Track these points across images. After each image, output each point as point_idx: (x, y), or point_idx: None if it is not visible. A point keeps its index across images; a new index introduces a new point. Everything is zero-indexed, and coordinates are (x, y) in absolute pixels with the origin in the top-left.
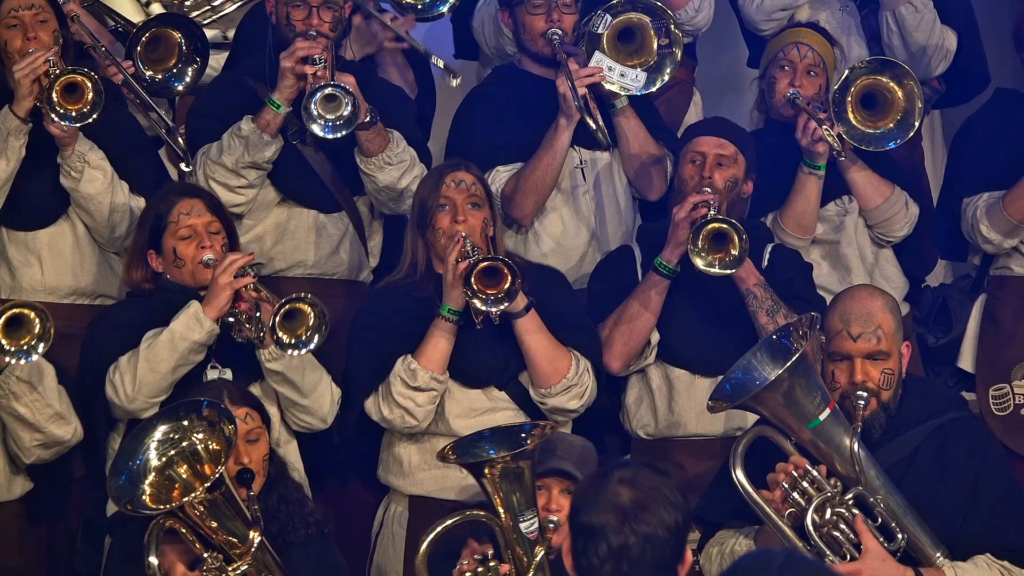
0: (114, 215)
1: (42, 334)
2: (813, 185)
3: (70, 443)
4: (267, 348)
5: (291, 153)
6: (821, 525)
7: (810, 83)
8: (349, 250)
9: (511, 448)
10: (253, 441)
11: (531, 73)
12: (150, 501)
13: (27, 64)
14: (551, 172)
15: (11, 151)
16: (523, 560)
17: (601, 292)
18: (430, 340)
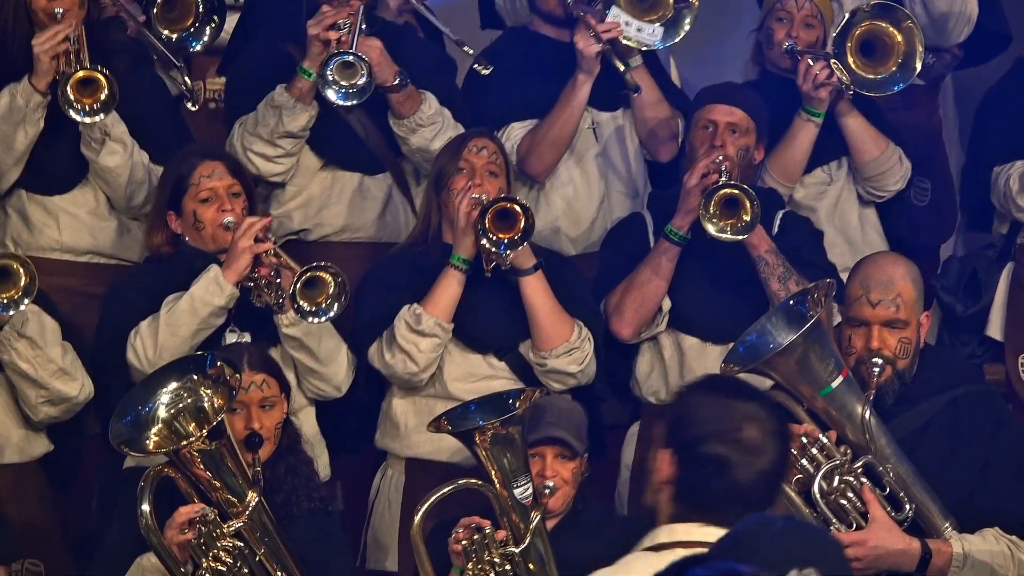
0: (131, 185)
1: (27, 287)
2: (808, 132)
3: (78, 399)
4: (286, 314)
5: (331, 117)
6: (828, 492)
7: (807, 34)
8: (397, 211)
9: (498, 411)
10: (267, 408)
11: (543, 34)
12: (152, 447)
13: (47, 40)
14: (569, 127)
15: (30, 123)
16: (519, 526)
17: (612, 259)
18: (438, 287)
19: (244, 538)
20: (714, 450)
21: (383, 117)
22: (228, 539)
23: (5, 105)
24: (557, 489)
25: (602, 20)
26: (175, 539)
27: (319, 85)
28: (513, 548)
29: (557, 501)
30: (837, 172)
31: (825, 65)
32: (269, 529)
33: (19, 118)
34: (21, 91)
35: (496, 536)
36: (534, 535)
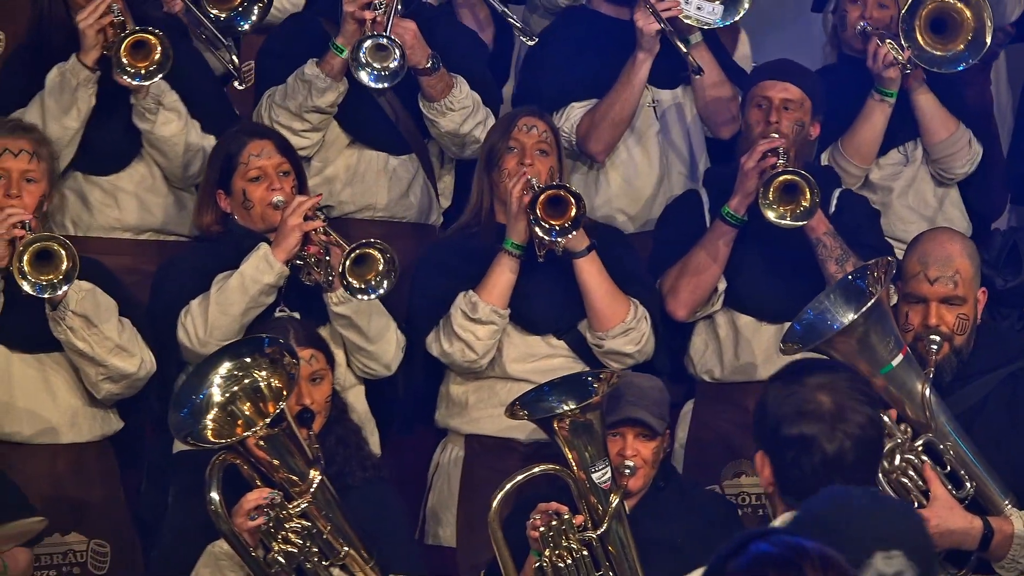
0: (187, 154)
1: (68, 271)
2: (881, 113)
3: (139, 375)
4: (335, 292)
5: (361, 95)
6: (890, 471)
7: (881, 14)
8: (419, 193)
9: (578, 398)
10: (316, 381)
11: (601, 13)
12: (211, 435)
13: (89, 14)
14: (628, 106)
15: (81, 102)
16: (598, 509)
17: (668, 238)
18: (492, 274)
19: (310, 517)
20: (793, 431)
21: (413, 98)
22: (295, 520)
23: (55, 82)
24: (637, 469)
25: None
26: (245, 525)
27: (351, 66)
28: (592, 533)
29: (637, 481)
30: (913, 152)
31: (894, 44)
32: (333, 505)
33: (70, 95)
34: (69, 68)
35: (574, 521)
36: (613, 519)
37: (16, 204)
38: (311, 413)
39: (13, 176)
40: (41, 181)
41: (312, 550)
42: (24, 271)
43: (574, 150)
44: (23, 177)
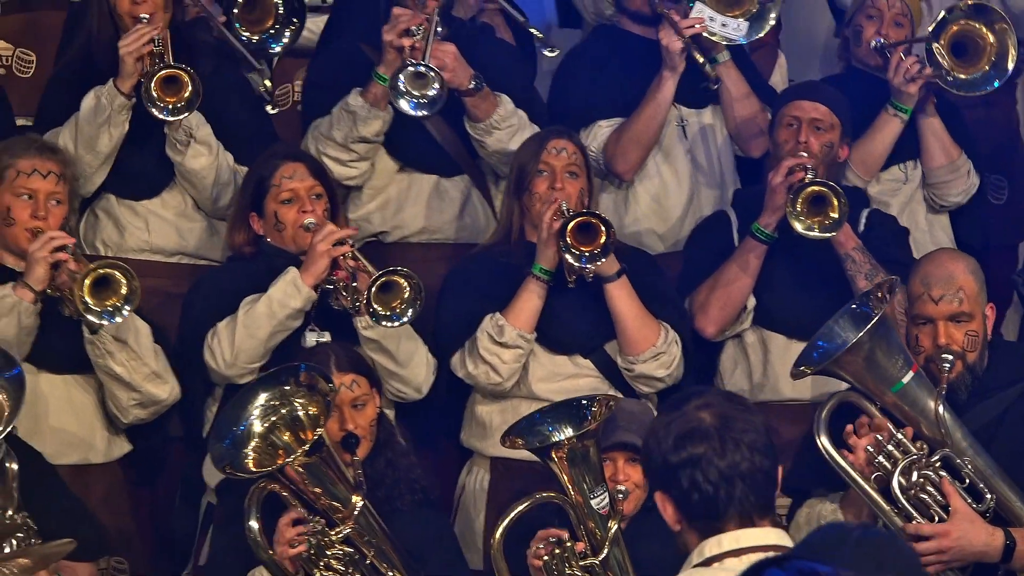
0: (217, 187)
1: (128, 295)
2: (892, 127)
3: (167, 402)
4: (362, 317)
5: (407, 120)
6: (908, 488)
7: (896, 32)
8: (475, 213)
9: (575, 425)
10: (359, 407)
11: (631, 32)
12: (252, 465)
13: (131, 42)
14: (654, 124)
15: (114, 127)
16: (596, 535)
17: (697, 257)
18: (520, 298)
19: (353, 543)
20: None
21: (459, 120)
22: (338, 546)
23: (90, 107)
24: (629, 494)
25: (686, 16)
26: (286, 554)
27: (391, 95)
28: (593, 559)
29: (629, 505)
30: (912, 172)
31: (917, 60)
32: (376, 530)
33: (103, 120)
34: (106, 93)
35: (576, 548)
36: (612, 544)
37: (42, 226)
38: (355, 438)
39: (40, 197)
40: (65, 204)
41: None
42: (87, 303)
43: (601, 169)
44: (50, 198)
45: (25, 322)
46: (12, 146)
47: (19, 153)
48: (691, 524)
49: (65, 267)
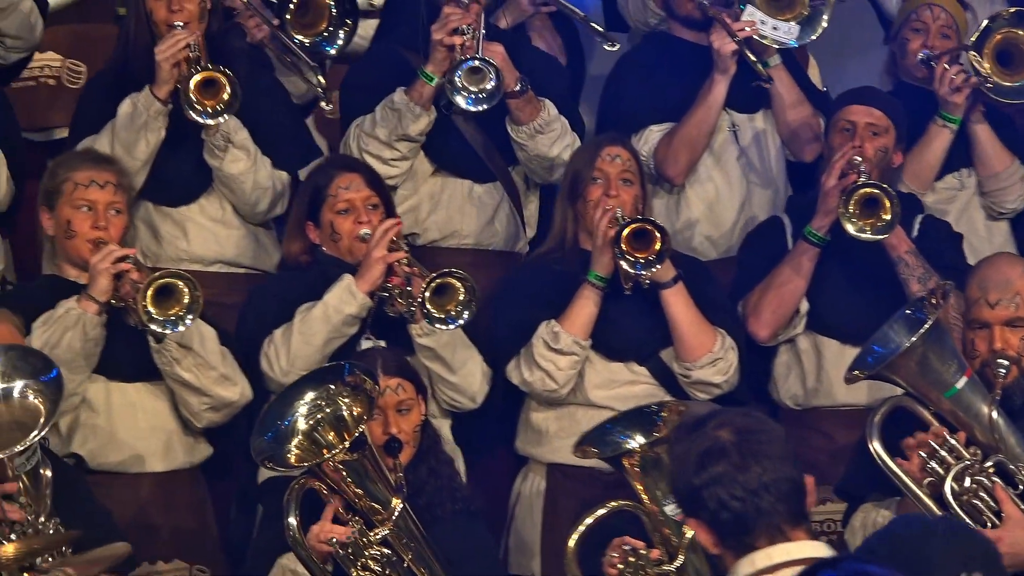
0: (255, 192)
1: (191, 304)
2: (942, 138)
3: (239, 404)
4: (418, 323)
5: (444, 123)
6: (960, 493)
7: (942, 44)
8: (505, 220)
9: (645, 432)
10: (404, 411)
11: (681, 38)
12: (294, 460)
13: (167, 48)
14: (706, 127)
15: (151, 134)
16: (672, 541)
17: (751, 263)
18: (575, 305)
19: (391, 545)
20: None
21: (495, 126)
22: (375, 547)
23: (126, 113)
24: None
25: (738, 19)
26: (323, 550)
27: (448, 91)
28: (668, 567)
29: None
30: (968, 179)
31: (961, 69)
32: (415, 534)
33: (140, 126)
34: (142, 99)
35: (651, 556)
36: (687, 551)
37: (103, 236)
38: (398, 443)
39: (99, 208)
40: (124, 213)
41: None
42: (150, 312)
43: (652, 174)
44: (109, 208)
45: (91, 334)
46: (68, 160)
47: (75, 166)
48: (725, 545)
49: (128, 277)
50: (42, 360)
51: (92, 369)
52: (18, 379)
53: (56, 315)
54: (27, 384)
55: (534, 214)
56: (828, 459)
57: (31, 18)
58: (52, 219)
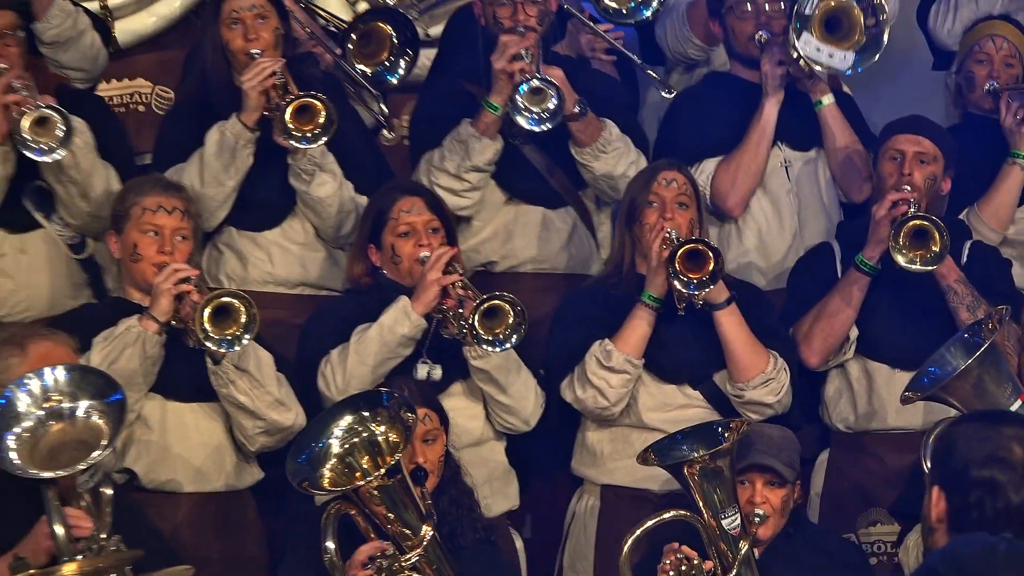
0: (341, 215)
1: (248, 324)
2: (1016, 177)
3: (292, 430)
4: (470, 344)
5: (513, 153)
6: None
7: (1008, 74)
8: (578, 243)
9: (709, 446)
10: (430, 442)
11: (739, 77)
12: (327, 484)
13: (253, 75)
14: (760, 153)
15: (240, 161)
16: (727, 555)
17: (801, 288)
18: (628, 324)
19: (420, 570)
20: (982, 474)
21: (562, 153)
22: (407, 572)
23: (215, 142)
24: (766, 518)
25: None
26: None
27: (510, 112)
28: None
29: (767, 531)
30: None
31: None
32: (443, 561)
33: (229, 154)
34: (229, 127)
35: (704, 567)
36: (742, 565)
37: (168, 260)
38: (424, 472)
39: (166, 233)
40: (190, 239)
41: None
42: (207, 331)
43: (709, 206)
44: (176, 234)
45: (150, 352)
46: (137, 185)
47: (144, 191)
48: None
49: (188, 298)
50: (107, 381)
51: (149, 387)
52: (83, 399)
53: (116, 332)
54: (91, 404)
55: (607, 235)
56: (880, 482)
57: (92, 50)
58: (119, 242)
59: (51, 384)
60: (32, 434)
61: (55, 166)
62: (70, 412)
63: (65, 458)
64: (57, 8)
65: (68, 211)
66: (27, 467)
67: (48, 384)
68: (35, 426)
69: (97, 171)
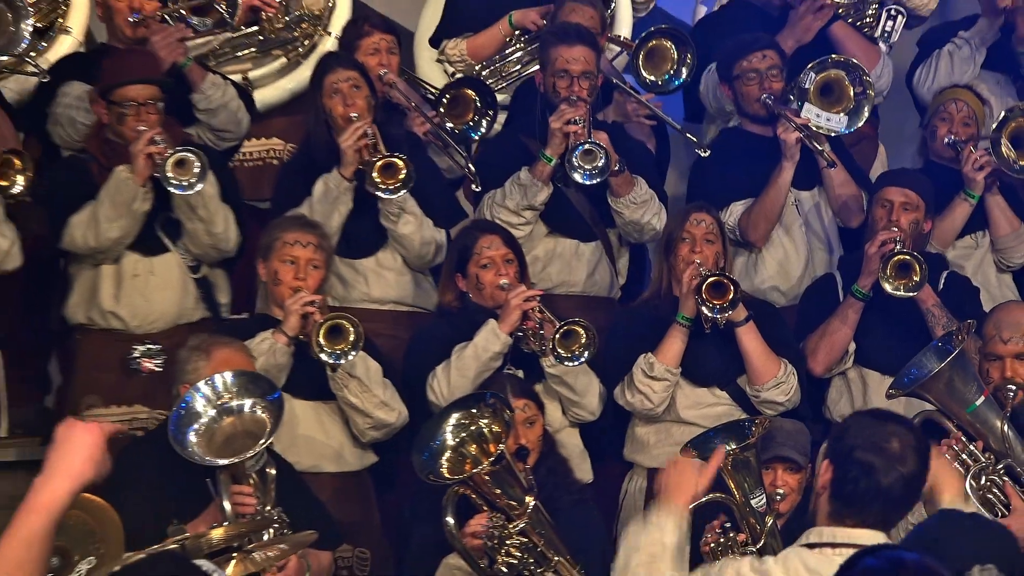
0: (423, 247)
1: (355, 341)
2: (963, 210)
3: (396, 426)
4: (548, 357)
5: (557, 194)
6: (978, 489)
7: (965, 132)
8: (604, 272)
9: (738, 440)
10: (529, 424)
11: (751, 132)
12: (447, 472)
13: (349, 136)
14: (778, 202)
15: (341, 205)
16: (756, 528)
17: (809, 310)
18: (667, 340)
19: (527, 534)
20: (864, 456)
21: (595, 196)
22: (515, 537)
23: (321, 191)
24: (786, 496)
25: (797, 115)
26: (472, 543)
27: (567, 169)
28: (752, 548)
29: (785, 505)
30: (982, 240)
31: (984, 152)
32: (545, 524)
33: (332, 200)
34: (332, 179)
35: (738, 539)
36: (768, 536)
37: (302, 286)
38: (526, 450)
39: (301, 263)
40: (322, 268)
41: (529, 561)
42: (322, 345)
43: (737, 239)
44: (309, 264)
45: (279, 360)
46: (282, 222)
47: (286, 227)
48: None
49: (313, 319)
50: (268, 384)
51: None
52: (248, 398)
53: (255, 342)
54: (256, 402)
55: (625, 266)
56: None
57: (238, 114)
58: (265, 268)
59: (222, 387)
60: (209, 428)
61: (186, 205)
62: (239, 408)
63: (236, 446)
64: (209, 81)
65: (193, 241)
66: (205, 455)
67: (219, 387)
68: (211, 421)
69: (220, 212)
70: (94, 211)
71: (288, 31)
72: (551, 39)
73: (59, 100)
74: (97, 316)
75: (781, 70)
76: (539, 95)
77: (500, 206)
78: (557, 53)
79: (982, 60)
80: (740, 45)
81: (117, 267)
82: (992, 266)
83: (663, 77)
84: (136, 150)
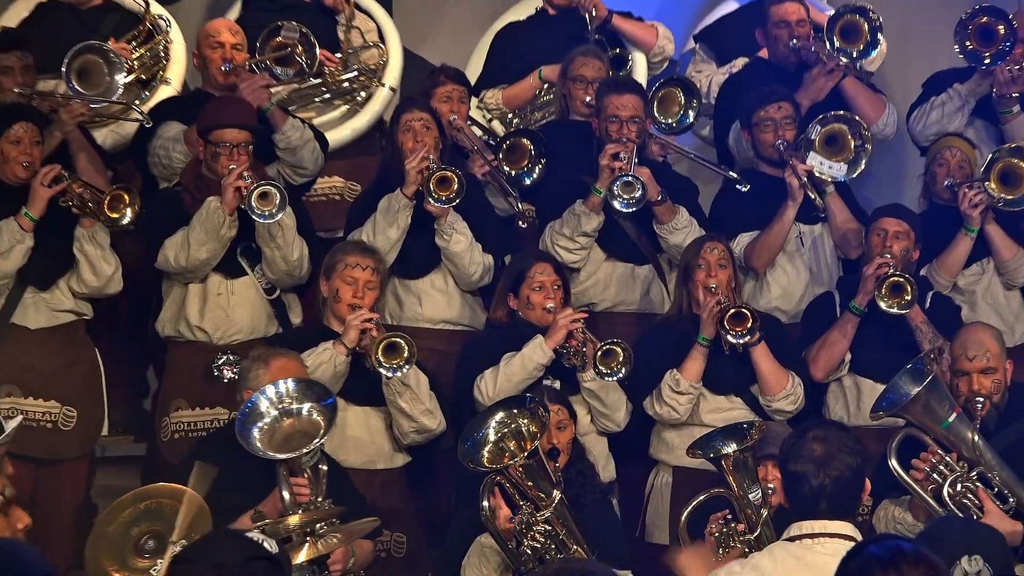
0: (472, 266)
1: (409, 357)
2: (965, 244)
3: (435, 432)
4: (586, 373)
5: (612, 222)
6: (955, 495)
7: (960, 174)
8: (656, 292)
9: (738, 442)
10: (562, 428)
11: (764, 173)
12: (486, 462)
13: (415, 158)
14: (781, 237)
15: (401, 219)
16: (752, 519)
17: (810, 325)
18: (690, 359)
19: (551, 523)
20: (794, 468)
21: (646, 226)
22: (541, 524)
23: (383, 206)
24: (776, 490)
25: (803, 162)
26: (504, 526)
27: (608, 198)
28: (749, 536)
29: (776, 498)
30: (987, 266)
31: (978, 191)
32: (568, 516)
33: (393, 214)
34: (394, 196)
35: (737, 528)
36: (763, 525)
37: (360, 303)
38: (558, 451)
39: (359, 283)
40: (376, 289)
41: (551, 546)
42: (380, 360)
43: (742, 266)
44: (367, 285)
45: (338, 369)
46: (344, 246)
47: (348, 251)
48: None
49: (369, 334)
50: (324, 390)
51: (336, 393)
52: (306, 402)
53: (317, 351)
54: (312, 406)
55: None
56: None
57: (314, 154)
58: (327, 286)
59: (284, 391)
60: (270, 427)
61: (267, 233)
62: (297, 411)
63: (294, 444)
64: (289, 123)
65: (270, 267)
66: (267, 450)
67: (281, 392)
68: (272, 421)
69: (296, 242)
70: (186, 235)
71: (348, 83)
72: (605, 89)
73: (158, 138)
74: (184, 329)
75: (794, 120)
76: (595, 139)
77: (558, 233)
78: (609, 100)
79: (970, 110)
80: (760, 96)
81: (203, 286)
82: (1000, 287)
83: (676, 118)
84: (227, 183)
